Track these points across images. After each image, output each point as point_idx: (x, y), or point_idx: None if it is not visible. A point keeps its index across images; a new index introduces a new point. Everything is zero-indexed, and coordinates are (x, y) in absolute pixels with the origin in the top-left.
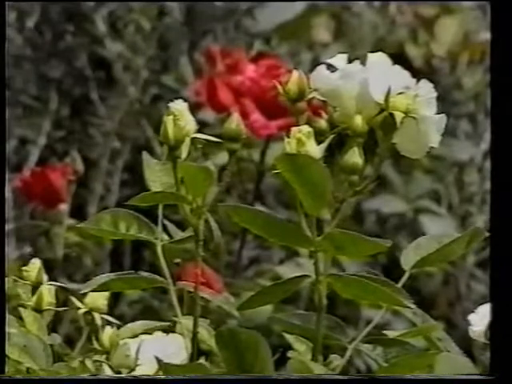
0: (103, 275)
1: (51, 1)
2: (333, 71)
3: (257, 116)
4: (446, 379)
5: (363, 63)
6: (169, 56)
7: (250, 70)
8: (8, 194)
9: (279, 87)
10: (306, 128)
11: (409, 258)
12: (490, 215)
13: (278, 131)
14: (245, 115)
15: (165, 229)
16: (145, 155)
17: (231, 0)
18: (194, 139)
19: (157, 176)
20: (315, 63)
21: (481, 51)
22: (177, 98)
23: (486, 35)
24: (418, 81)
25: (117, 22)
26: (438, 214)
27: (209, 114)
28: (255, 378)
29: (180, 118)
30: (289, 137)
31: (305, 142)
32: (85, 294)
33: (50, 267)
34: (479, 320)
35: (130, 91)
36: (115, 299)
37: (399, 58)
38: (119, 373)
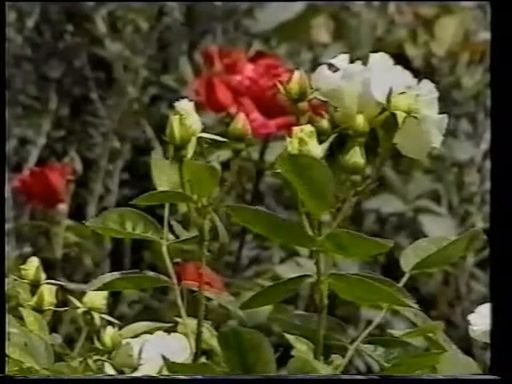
0: (108, 274)
1: (51, 1)
2: (334, 71)
3: (256, 115)
4: (454, 379)
5: (364, 63)
6: (168, 56)
7: (249, 69)
8: (8, 194)
9: (280, 87)
10: (308, 128)
11: (408, 259)
12: (490, 215)
13: (276, 130)
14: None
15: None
16: (153, 154)
17: (231, 0)
18: (199, 139)
19: (164, 175)
20: (314, 63)
21: (481, 51)
22: (176, 98)
23: (485, 35)
24: (419, 81)
25: (116, 22)
26: (437, 213)
27: (205, 116)
28: (258, 378)
29: (186, 117)
30: (290, 136)
31: (307, 141)
32: (83, 294)
33: (49, 267)
34: (480, 320)
35: (130, 91)
36: (115, 299)
37: (399, 58)
38: (122, 372)
